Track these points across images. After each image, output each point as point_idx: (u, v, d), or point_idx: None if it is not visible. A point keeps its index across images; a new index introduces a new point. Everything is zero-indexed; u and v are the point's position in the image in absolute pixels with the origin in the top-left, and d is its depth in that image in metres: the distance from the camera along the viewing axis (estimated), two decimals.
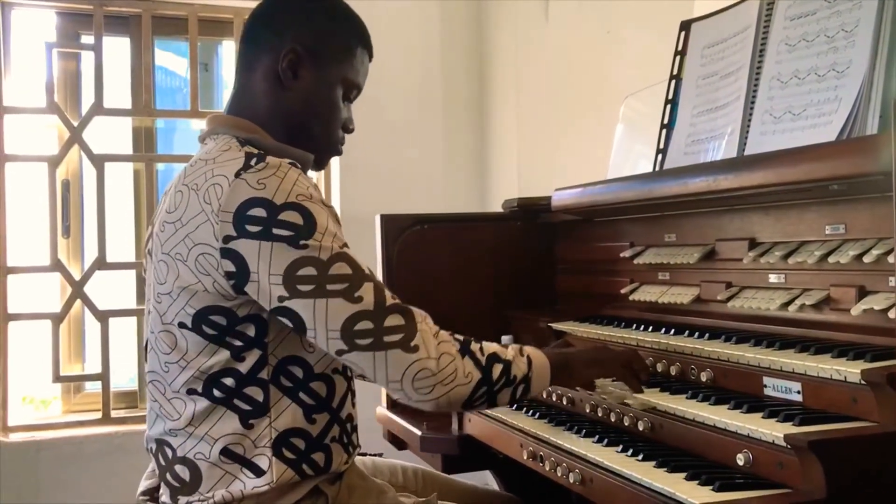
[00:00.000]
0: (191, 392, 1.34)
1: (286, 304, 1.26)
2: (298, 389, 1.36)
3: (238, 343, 1.32)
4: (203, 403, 1.34)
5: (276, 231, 1.26)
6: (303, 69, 1.46)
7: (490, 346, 1.37)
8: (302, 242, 1.26)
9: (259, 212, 1.26)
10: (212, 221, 1.28)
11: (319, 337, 1.27)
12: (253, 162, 1.31)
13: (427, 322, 1.32)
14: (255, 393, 1.33)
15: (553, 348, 1.54)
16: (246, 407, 1.33)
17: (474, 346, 1.35)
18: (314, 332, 1.27)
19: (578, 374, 1.51)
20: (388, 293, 1.30)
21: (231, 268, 1.28)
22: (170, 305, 1.34)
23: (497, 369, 1.34)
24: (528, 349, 1.43)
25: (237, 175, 1.29)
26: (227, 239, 1.27)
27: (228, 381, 1.33)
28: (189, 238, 1.31)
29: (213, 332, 1.32)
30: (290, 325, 1.29)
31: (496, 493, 1.87)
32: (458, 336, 1.35)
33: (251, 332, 1.32)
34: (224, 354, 1.32)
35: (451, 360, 1.30)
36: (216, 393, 1.33)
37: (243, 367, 1.32)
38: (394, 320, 1.27)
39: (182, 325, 1.33)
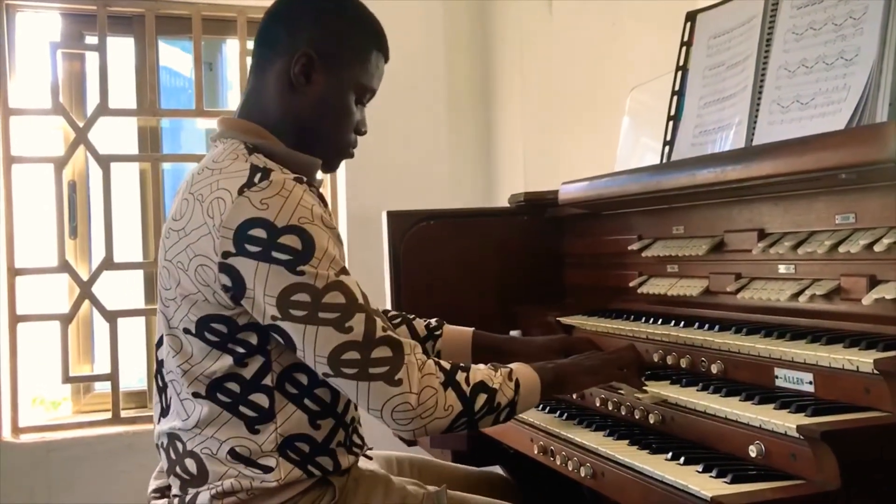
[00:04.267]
0: (196, 395, 1.36)
1: (278, 323, 1.28)
2: (304, 396, 1.36)
3: (241, 350, 1.33)
4: (208, 408, 1.35)
5: (274, 254, 1.26)
6: (316, 73, 1.44)
7: (478, 374, 1.37)
8: (299, 268, 1.26)
9: (259, 233, 1.27)
10: (213, 235, 1.29)
11: (307, 359, 1.29)
12: (257, 179, 1.30)
13: (416, 353, 1.33)
14: (261, 399, 1.34)
15: (548, 361, 1.53)
16: (251, 413, 1.34)
17: (460, 377, 1.35)
18: (303, 353, 1.29)
19: (572, 386, 1.52)
20: (379, 324, 1.30)
21: (228, 282, 1.29)
22: (175, 311, 1.36)
23: (481, 399, 1.35)
24: (518, 370, 1.42)
25: (240, 192, 1.29)
26: (225, 255, 1.28)
27: (233, 387, 1.34)
28: (190, 248, 1.32)
29: (215, 338, 1.33)
30: (281, 341, 1.31)
31: (489, 473, 1.86)
32: (444, 365, 1.35)
33: (253, 339, 1.33)
34: (227, 360, 1.33)
35: (433, 393, 1.31)
36: (221, 398, 1.34)
37: (247, 373, 1.34)
38: (381, 352, 1.28)
39: (186, 331, 1.35)
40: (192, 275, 1.31)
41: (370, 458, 1.60)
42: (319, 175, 1.51)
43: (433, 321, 1.78)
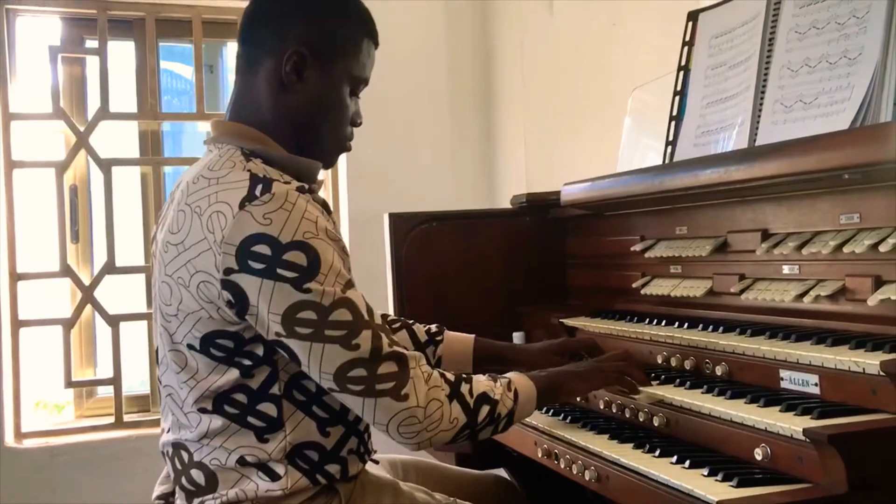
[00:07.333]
0: (202, 410, 1.34)
1: (283, 340, 1.26)
2: (312, 403, 1.34)
3: (247, 362, 1.31)
4: (217, 421, 1.33)
5: (279, 271, 1.23)
6: (307, 70, 1.40)
7: (479, 385, 1.37)
8: (305, 286, 1.24)
9: (263, 249, 1.23)
10: (214, 251, 1.26)
11: (313, 374, 1.27)
12: (258, 191, 1.26)
13: (421, 366, 1.32)
14: (269, 409, 1.32)
15: (542, 369, 1.52)
16: (260, 424, 1.32)
17: (464, 388, 1.35)
18: (308, 369, 1.27)
19: (566, 392, 1.51)
20: (385, 340, 1.29)
21: (231, 298, 1.26)
22: (178, 327, 1.33)
23: (484, 411, 1.35)
24: (516, 380, 1.43)
25: (241, 206, 1.25)
26: (228, 271, 1.25)
27: (240, 398, 1.32)
28: (191, 264, 1.29)
29: (221, 354, 1.31)
30: (285, 355, 1.29)
31: (493, 476, 1.85)
32: (449, 377, 1.35)
33: (259, 351, 1.31)
34: (234, 373, 1.31)
35: (439, 406, 1.30)
36: (229, 410, 1.32)
37: (254, 384, 1.31)
38: (387, 367, 1.27)
39: (191, 347, 1.32)
40: (195, 291, 1.28)
41: (377, 463, 1.59)
42: (321, 175, 1.49)
43: (433, 327, 1.76)
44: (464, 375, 1.37)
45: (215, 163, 1.35)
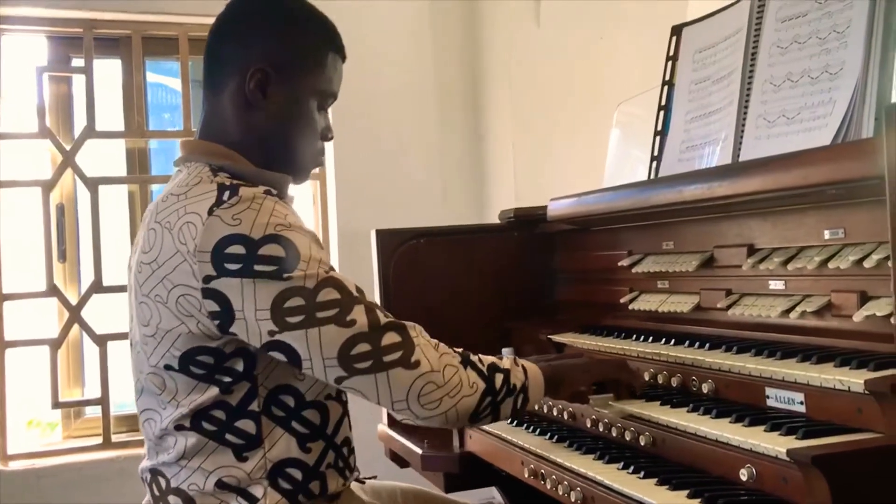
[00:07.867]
0: (179, 428, 1.32)
1: (277, 337, 1.23)
2: (291, 419, 1.33)
3: (227, 379, 1.29)
4: (193, 439, 1.31)
5: (257, 267, 1.22)
6: (272, 87, 1.39)
7: (487, 357, 1.36)
8: (286, 275, 1.22)
9: (238, 249, 1.22)
10: (189, 262, 1.24)
11: (316, 367, 1.24)
12: (225, 196, 1.26)
13: (423, 334, 1.30)
14: (247, 426, 1.30)
15: (544, 360, 1.52)
16: (238, 441, 1.30)
17: (473, 358, 1.33)
18: (310, 362, 1.24)
19: (568, 382, 1.50)
20: (380, 312, 1.27)
21: (215, 307, 1.24)
22: (154, 348, 1.31)
23: (499, 378, 1.33)
24: (522, 360, 1.42)
25: (210, 212, 1.25)
26: (207, 279, 1.23)
27: (219, 414, 1.30)
28: (167, 280, 1.27)
29: (201, 371, 1.29)
30: (283, 358, 1.25)
31: None
32: (455, 349, 1.34)
33: (240, 366, 1.29)
34: (214, 390, 1.29)
35: (455, 371, 1.28)
36: (206, 426, 1.30)
37: (233, 400, 1.30)
38: (391, 338, 1.25)
39: (168, 368, 1.30)
40: (174, 306, 1.26)
41: (363, 483, 1.57)
42: (291, 190, 1.48)
43: None
44: (467, 350, 1.35)
45: (184, 181, 1.34)
